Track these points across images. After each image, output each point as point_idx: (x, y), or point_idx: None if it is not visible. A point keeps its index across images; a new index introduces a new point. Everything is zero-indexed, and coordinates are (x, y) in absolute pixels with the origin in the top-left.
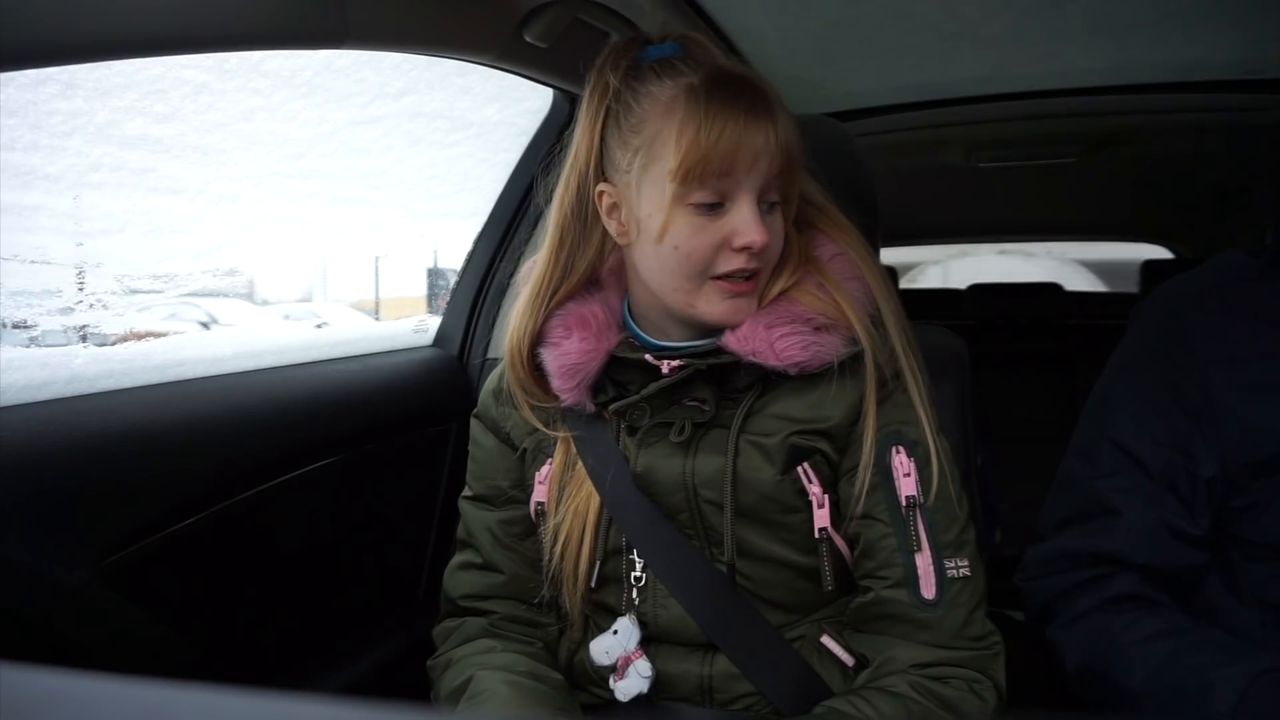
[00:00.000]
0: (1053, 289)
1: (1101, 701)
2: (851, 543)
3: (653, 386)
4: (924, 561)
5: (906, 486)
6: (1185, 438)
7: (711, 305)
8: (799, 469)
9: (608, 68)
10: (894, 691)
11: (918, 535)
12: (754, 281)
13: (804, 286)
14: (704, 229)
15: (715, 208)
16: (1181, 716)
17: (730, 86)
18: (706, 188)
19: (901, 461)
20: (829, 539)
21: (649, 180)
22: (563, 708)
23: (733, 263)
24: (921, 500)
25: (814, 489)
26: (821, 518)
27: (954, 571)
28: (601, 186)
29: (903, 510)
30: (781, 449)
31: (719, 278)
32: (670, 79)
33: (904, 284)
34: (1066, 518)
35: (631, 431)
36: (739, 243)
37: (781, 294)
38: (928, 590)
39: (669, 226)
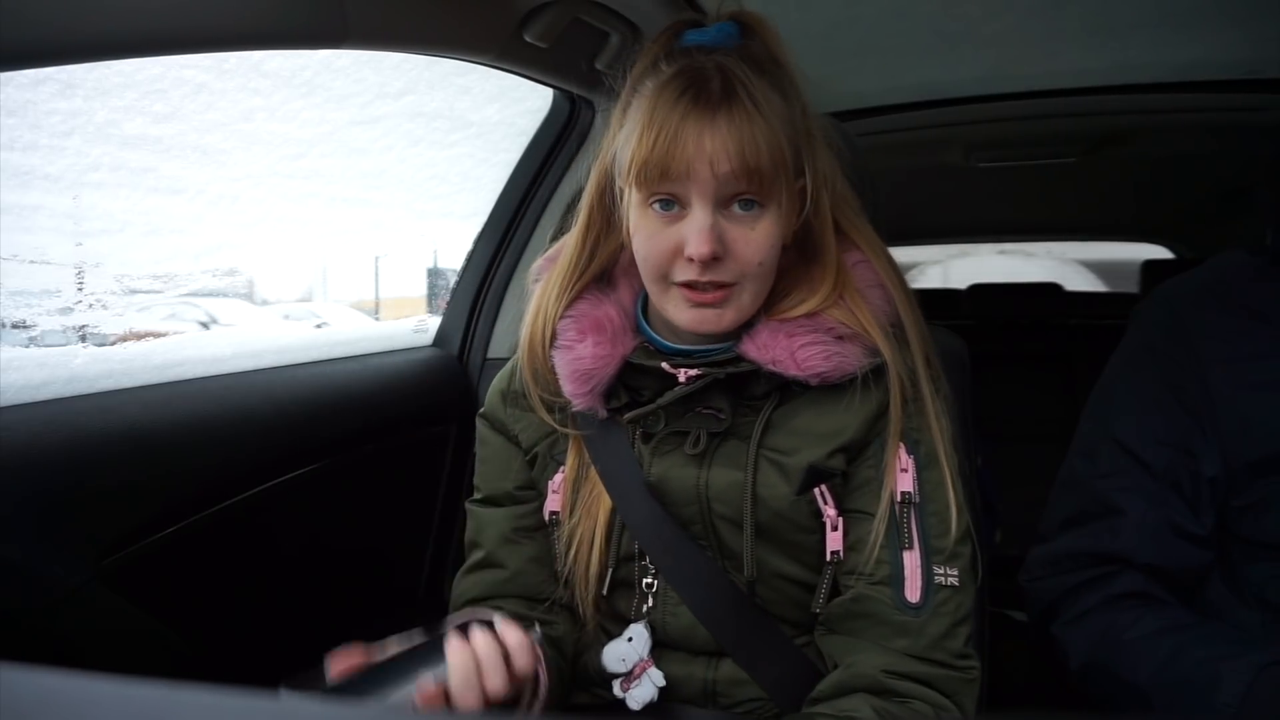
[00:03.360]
0: (1053, 289)
1: (1106, 698)
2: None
3: (669, 396)
4: (912, 561)
5: (903, 482)
6: (1187, 437)
7: (679, 312)
8: (816, 491)
9: (643, 56)
10: (856, 718)
11: (909, 533)
12: (723, 293)
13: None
14: (659, 234)
15: (672, 211)
16: (1180, 717)
17: (683, 85)
18: (658, 191)
19: (900, 457)
20: (839, 563)
21: (627, 180)
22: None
23: (686, 272)
24: (917, 500)
25: (829, 511)
26: (834, 540)
27: (942, 579)
28: (620, 181)
29: (896, 506)
30: (800, 469)
31: (682, 285)
32: (662, 74)
33: None
34: (1070, 518)
35: (646, 438)
36: (686, 251)
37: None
38: (912, 593)
39: (636, 229)
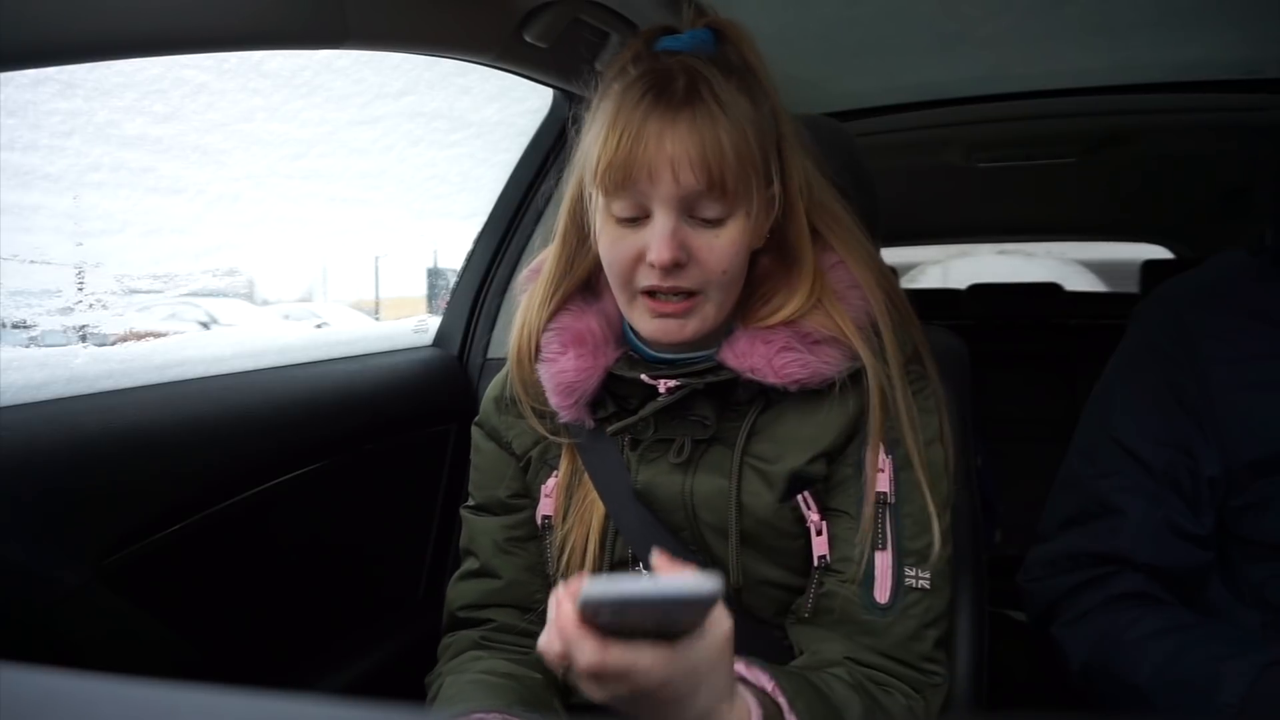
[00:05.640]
0: (1053, 289)
1: (1106, 698)
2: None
3: (650, 407)
4: (884, 562)
5: (879, 483)
6: (1187, 437)
7: (642, 321)
8: (799, 497)
9: (615, 61)
10: (844, 679)
11: (884, 533)
12: (687, 303)
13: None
14: (623, 240)
15: (636, 219)
16: (1182, 716)
17: (646, 86)
18: (621, 198)
19: (879, 458)
20: (826, 568)
21: (593, 184)
22: (533, 702)
23: (649, 278)
24: (892, 500)
25: (813, 516)
26: (820, 545)
27: (913, 581)
28: (588, 185)
29: (872, 506)
30: (783, 476)
31: (645, 293)
32: (628, 75)
33: (904, 284)
34: (1070, 518)
35: (634, 445)
36: (649, 257)
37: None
38: (881, 594)
39: (601, 234)
